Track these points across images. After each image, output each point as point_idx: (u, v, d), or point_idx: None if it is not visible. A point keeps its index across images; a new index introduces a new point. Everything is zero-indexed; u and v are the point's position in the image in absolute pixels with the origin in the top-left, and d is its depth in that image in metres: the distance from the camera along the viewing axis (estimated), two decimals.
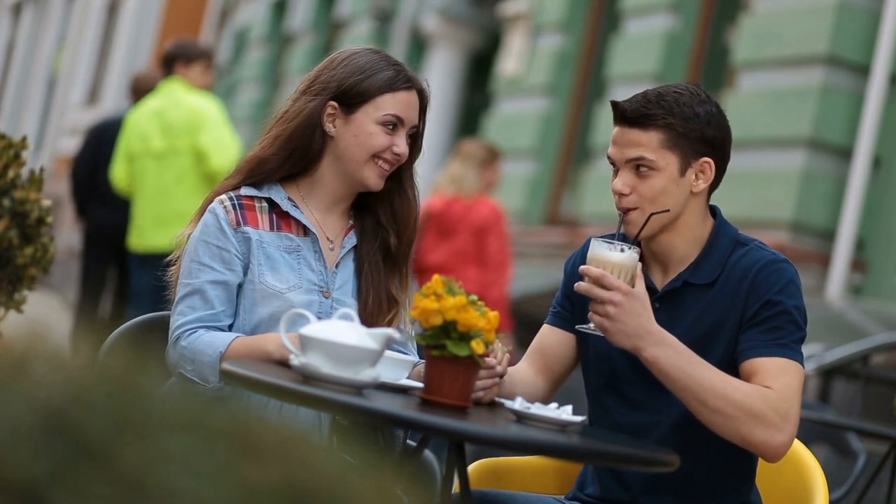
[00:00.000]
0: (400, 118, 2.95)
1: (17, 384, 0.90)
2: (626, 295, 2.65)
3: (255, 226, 2.95)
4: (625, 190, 2.82)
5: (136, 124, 7.36)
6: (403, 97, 2.96)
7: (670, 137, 2.81)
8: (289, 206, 2.97)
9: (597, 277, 2.65)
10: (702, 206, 2.89)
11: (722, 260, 2.85)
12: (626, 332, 2.66)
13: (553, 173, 11.25)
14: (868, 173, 7.78)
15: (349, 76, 2.97)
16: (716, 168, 2.86)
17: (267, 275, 2.91)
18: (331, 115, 2.97)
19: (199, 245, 2.92)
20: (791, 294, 2.79)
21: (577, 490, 3.02)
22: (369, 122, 2.94)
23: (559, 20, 11.34)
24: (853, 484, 5.17)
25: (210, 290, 2.89)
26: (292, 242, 2.96)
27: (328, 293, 2.95)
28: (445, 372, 2.53)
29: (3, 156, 3.41)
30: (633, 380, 2.84)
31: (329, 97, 2.96)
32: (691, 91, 2.86)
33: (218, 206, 2.95)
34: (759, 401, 2.68)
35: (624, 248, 2.67)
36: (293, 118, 2.98)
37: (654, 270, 2.91)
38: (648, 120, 2.81)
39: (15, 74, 26.88)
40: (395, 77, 2.97)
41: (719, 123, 2.86)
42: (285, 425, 0.96)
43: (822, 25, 8.06)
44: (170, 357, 2.88)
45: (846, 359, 6.09)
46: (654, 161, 2.80)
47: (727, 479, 2.86)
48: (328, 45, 16.94)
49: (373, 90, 2.95)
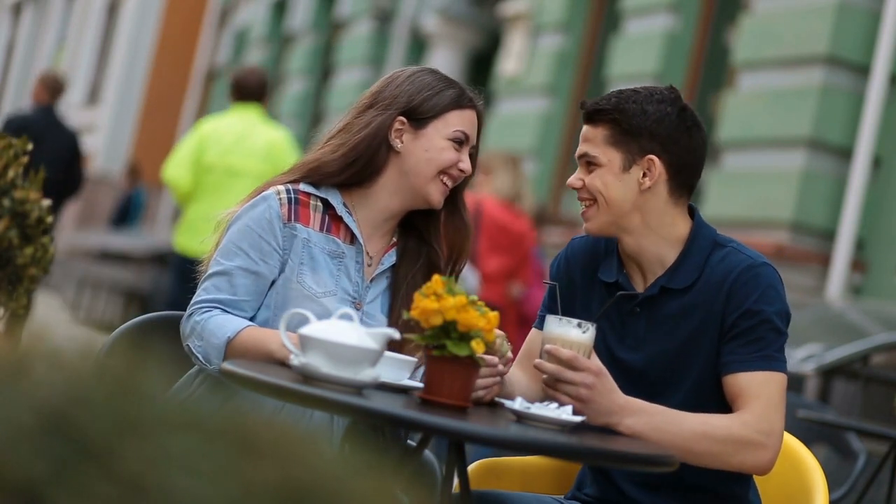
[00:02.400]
0: (467, 135, 2.99)
1: (17, 384, 0.90)
2: (597, 375, 2.65)
3: (307, 223, 2.94)
4: (576, 183, 2.87)
5: (218, 137, 7.85)
6: (469, 115, 3.00)
7: (614, 133, 2.84)
8: (343, 211, 2.97)
9: (568, 360, 2.63)
10: (662, 206, 2.87)
11: (700, 262, 2.85)
12: (600, 411, 2.67)
13: (553, 173, 11.26)
14: (868, 173, 7.78)
15: (418, 92, 2.99)
16: (665, 166, 2.84)
17: (306, 275, 2.91)
18: (398, 130, 2.98)
19: (244, 228, 2.92)
20: (770, 300, 2.79)
21: (575, 490, 3.02)
22: (439, 138, 2.97)
23: (559, 20, 11.34)
24: (853, 484, 5.18)
25: (239, 276, 2.89)
26: (338, 248, 2.96)
27: (360, 305, 2.95)
28: (445, 372, 2.53)
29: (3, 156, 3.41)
30: (626, 388, 2.84)
31: (398, 112, 2.98)
32: (651, 90, 2.87)
33: (273, 196, 2.94)
34: (741, 428, 2.72)
35: (581, 325, 2.66)
36: (359, 130, 2.99)
37: (633, 274, 2.91)
38: (598, 115, 2.85)
39: (15, 74, 26.89)
40: (461, 95, 3.00)
41: (672, 123, 2.84)
42: (285, 425, 0.96)
43: (822, 25, 8.06)
44: (183, 328, 2.89)
45: (846, 359, 6.09)
46: (596, 157, 2.84)
47: (726, 479, 2.86)
48: (328, 45, 16.95)
49: (441, 106, 2.98)
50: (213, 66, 21.01)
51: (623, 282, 2.88)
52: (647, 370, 2.85)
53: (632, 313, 2.87)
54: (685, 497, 2.88)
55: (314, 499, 0.90)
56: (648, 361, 2.84)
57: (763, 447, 2.72)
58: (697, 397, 2.81)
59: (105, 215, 19.83)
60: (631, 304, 2.87)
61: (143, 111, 21.51)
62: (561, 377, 2.64)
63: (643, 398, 2.77)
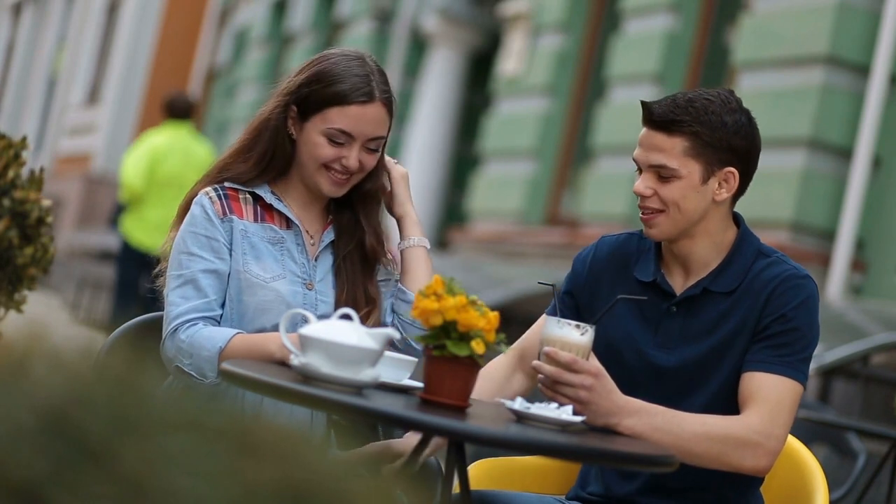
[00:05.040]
0: (347, 133, 2.93)
1: (17, 384, 0.90)
2: (596, 377, 2.65)
3: (241, 216, 2.97)
4: (646, 192, 2.82)
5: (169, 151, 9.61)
6: (354, 111, 2.93)
7: (695, 146, 2.79)
8: (272, 199, 2.99)
9: (567, 362, 2.63)
10: (724, 213, 2.88)
11: (744, 269, 2.85)
12: (600, 412, 2.67)
13: (553, 173, 11.25)
14: (868, 173, 7.78)
15: (311, 83, 2.96)
16: (740, 177, 2.85)
17: (251, 264, 2.93)
18: (293, 118, 2.99)
19: (188, 236, 2.94)
20: (807, 312, 2.80)
21: (578, 488, 3.02)
22: (315, 133, 2.95)
23: (559, 20, 11.34)
24: (853, 484, 5.18)
25: (202, 279, 2.90)
26: (276, 234, 2.98)
27: (311, 285, 2.97)
28: (445, 372, 2.53)
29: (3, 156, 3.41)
30: (652, 387, 2.84)
31: (292, 101, 2.98)
32: (723, 98, 2.83)
33: (204, 197, 2.97)
34: (742, 429, 2.72)
35: (580, 327, 2.65)
36: (257, 126, 3.01)
37: (674, 274, 2.90)
38: (675, 126, 2.79)
39: (15, 74, 26.88)
40: (350, 90, 2.93)
41: (748, 133, 2.84)
42: (285, 425, 0.96)
43: (822, 25, 8.06)
44: (166, 349, 2.87)
45: (846, 359, 6.09)
46: (676, 169, 2.79)
47: (728, 479, 2.86)
48: (328, 45, 16.93)
49: (325, 100, 2.94)
50: (213, 66, 21.01)
51: (661, 281, 2.88)
52: (677, 371, 2.85)
53: (668, 313, 2.87)
54: (687, 497, 2.88)
55: (314, 499, 0.90)
56: (680, 362, 2.84)
57: (760, 447, 2.72)
58: (722, 400, 2.82)
59: (105, 215, 19.83)
60: (668, 304, 2.87)
61: (143, 111, 21.51)
62: (560, 379, 2.64)
63: (669, 398, 2.77)
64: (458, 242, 12.00)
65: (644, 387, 2.82)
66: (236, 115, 18.71)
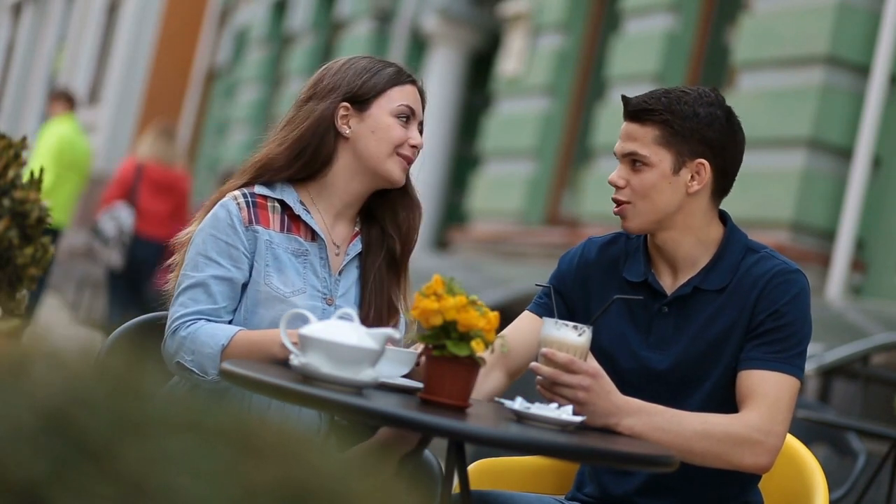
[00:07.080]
0: (412, 109, 3.00)
1: (17, 384, 0.90)
2: (594, 377, 2.65)
3: (266, 225, 2.95)
4: (619, 182, 2.85)
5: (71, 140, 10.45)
6: (410, 90, 3.01)
7: (665, 134, 2.82)
8: (300, 210, 2.98)
9: (565, 363, 2.63)
10: (703, 208, 2.88)
11: (733, 266, 2.85)
12: (598, 412, 2.67)
13: (553, 173, 11.25)
14: (868, 173, 7.78)
15: (356, 77, 3.00)
16: (713, 171, 2.85)
17: (273, 276, 2.91)
18: (344, 116, 2.99)
19: (208, 239, 2.92)
20: (799, 306, 2.81)
21: (575, 490, 3.02)
22: (385, 115, 2.98)
23: (559, 20, 11.34)
24: (853, 484, 5.18)
25: (214, 285, 2.89)
26: (301, 246, 2.96)
27: (331, 301, 2.95)
28: (445, 372, 2.53)
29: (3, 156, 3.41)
30: (647, 388, 2.84)
31: (340, 98, 2.98)
32: (700, 92, 2.85)
33: (231, 202, 2.94)
34: (742, 427, 2.73)
35: (578, 328, 2.65)
36: (302, 121, 3.00)
37: (662, 273, 2.90)
38: (647, 115, 2.83)
39: (15, 74, 26.88)
40: (399, 72, 3.02)
41: (722, 127, 2.85)
42: (285, 425, 0.96)
43: (822, 25, 8.06)
44: (167, 347, 2.86)
45: (846, 359, 6.09)
46: (646, 157, 2.82)
47: (728, 479, 2.86)
48: (328, 45, 16.94)
49: (382, 84, 2.99)
50: (213, 66, 21.00)
51: (652, 281, 2.88)
52: (671, 371, 2.85)
53: (660, 313, 2.87)
54: (687, 498, 2.88)
55: (314, 499, 0.90)
56: (674, 362, 2.84)
57: (760, 445, 2.72)
58: (717, 399, 2.82)
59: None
60: (659, 304, 2.87)
61: (143, 111, 21.50)
62: (558, 381, 2.64)
63: (663, 398, 2.77)
64: (458, 242, 12.00)
65: (638, 388, 2.82)
66: (236, 115, 18.72)
